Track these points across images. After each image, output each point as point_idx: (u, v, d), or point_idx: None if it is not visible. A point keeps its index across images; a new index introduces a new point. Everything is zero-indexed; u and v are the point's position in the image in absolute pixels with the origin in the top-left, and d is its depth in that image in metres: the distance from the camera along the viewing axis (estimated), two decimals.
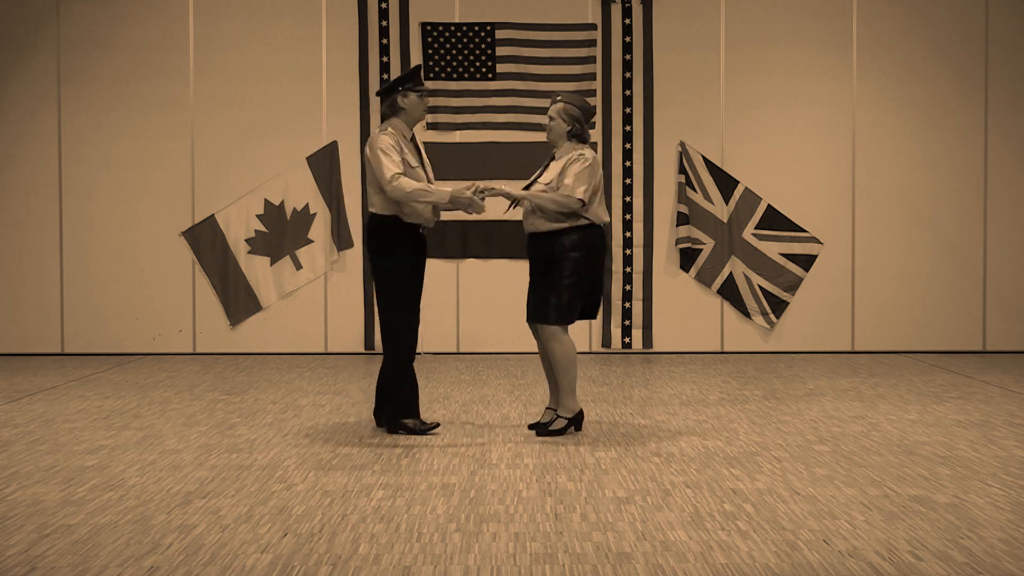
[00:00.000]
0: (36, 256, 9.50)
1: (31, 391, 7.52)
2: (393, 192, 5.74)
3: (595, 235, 5.83)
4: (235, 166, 9.48)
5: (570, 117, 5.85)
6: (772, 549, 3.85)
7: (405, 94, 5.89)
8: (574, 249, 5.76)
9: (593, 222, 5.81)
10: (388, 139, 5.82)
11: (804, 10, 9.56)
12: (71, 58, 9.45)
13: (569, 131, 5.86)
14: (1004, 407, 6.76)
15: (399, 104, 5.90)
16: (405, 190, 5.73)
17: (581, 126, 5.87)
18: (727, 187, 9.50)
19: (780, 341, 9.60)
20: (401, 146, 5.84)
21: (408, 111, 5.92)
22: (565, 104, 5.87)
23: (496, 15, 9.45)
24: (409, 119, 5.94)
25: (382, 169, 5.75)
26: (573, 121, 5.85)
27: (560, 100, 5.90)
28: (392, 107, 5.92)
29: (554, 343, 5.82)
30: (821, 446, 5.59)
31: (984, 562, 3.71)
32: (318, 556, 3.80)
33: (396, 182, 5.72)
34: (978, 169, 9.56)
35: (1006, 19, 9.51)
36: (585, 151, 5.82)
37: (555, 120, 5.87)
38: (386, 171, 5.73)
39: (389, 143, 5.81)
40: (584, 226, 5.79)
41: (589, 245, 5.79)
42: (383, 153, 5.77)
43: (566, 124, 5.86)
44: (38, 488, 4.76)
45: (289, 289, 9.54)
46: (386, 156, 5.76)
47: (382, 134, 5.85)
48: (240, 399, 7.15)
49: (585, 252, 5.78)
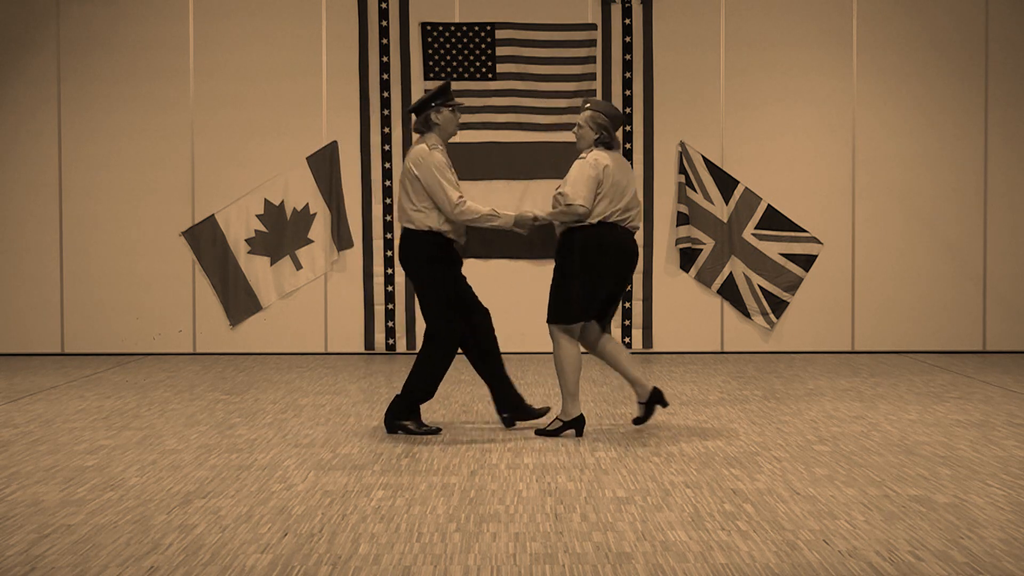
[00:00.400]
0: (36, 256, 9.50)
1: (31, 391, 7.52)
2: (459, 216, 5.76)
3: (600, 234, 5.75)
4: (235, 166, 9.48)
5: (597, 125, 5.86)
6: (772, 549, 3.85)
7: (438, 110, 5.91)
8: (574, 250, 5.75)
9: (601, 221, 5.74)
10: (441, 157, 5.82)
11: (804, 10, 9.56)
12: (71, 58, 9.45)
13: (597, 138, 5.87)
14: (1004, 407, 6.76)
15: (433, 120, 5.91)
16: (473, 215, 5.77)
17: (608, 133, 5.87)
18: (727, 187, 9.50)
19: (780, 341, 9.60)
20: (450, 162, 5.87)
21: (442, 126, 5.93)
22: (593, 112, 5.87)
23: (496, 15, 9.45)
24: (444, 134, 5.96)
25: (445, 193, 5.74)
26: (600, 129, 5.86)
27: (588, 107, 5.91)
28: (426, 123, 5.92)
29: (554, 344, 5.83)
30: (821, 446, 5.59)
31: (984, 562, 3.71)
32: (318, 556, 3.80)
33: (464, 206, 5.75)
34: (978, 169, 9.56)
35: (1006, 18, 9.51)
36: (588, 155, 5.80)
37: (583, 128, 5.89)
38: (451, 194, 5.74)
39: (443, 161, 5.81)
40: (589, 225, 5.76)
41: (592, 244, 5.74)
42: (440, 174, 5.76)
43: (594, 132, 5.87)
44: (38, 488, 4.76)
45: (289, 289, 9.54)
46: (444, 178, 5.76)
47: (433, 151, 5.82)
48: (240, 399, 7.15)
49: (588, 251, 5.74)
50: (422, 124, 5.94)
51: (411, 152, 5.91)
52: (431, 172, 5.77)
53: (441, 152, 5.85)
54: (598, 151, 5.84)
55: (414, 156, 5.86)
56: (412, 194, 5.85)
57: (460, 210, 5.75)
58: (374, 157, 9.49)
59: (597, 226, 5.77)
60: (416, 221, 5.85)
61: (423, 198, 5.82)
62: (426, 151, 5.83)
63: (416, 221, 5.85)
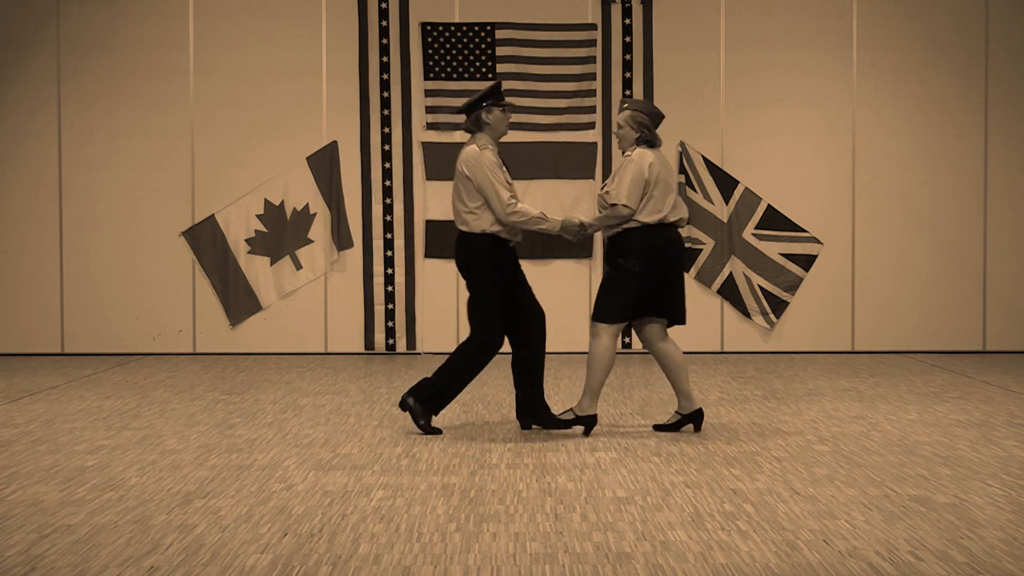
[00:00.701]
0: (36, 256, 9.50)
1: (31, 391, 7.52)
2: (510, 218, 5.76)
3: (650, 236, 5.77)
4: (235, 166, 9.48)
5: (638, 124, 5.88)
6: (772, 549, 3.85)
7: (489, 109, 5.90)
8: (624, 251, 5.77)
9: (647, 223, 5.76)
10: (493, 157, 5.81)
11: (804, 10, 9.56)
12: (71, 57, 9.45)
13: (638, 138, 5.87)
14: (1004, 407, 6.76)
15: (484, 119, 5.90)
16: (524, 217, 5.77)
17: (650, 131, 5.88)
18: (727, 187, 9.50)
19: (780, 341, 9.60)
20: (500, 163, 5.85)
21: (493, 126, 5.93)
22: (633, 111, 5.88)
23: (496, 15, 9.45)
24: (494, 134, 5.95)
25: (498, 194, 5.75)
26: (641, 128, 5.88)
27: (627, 107, 5.91)
28: (477, 122, 5.92)
29: (593, 340, 5.84)
30: (821, 446, 5.59)
31: (984, 562, 3.71)
32: (318, 556, 3.80)
33: (516, 207, 5.76)
34: (978, 168, 9.56)
35: (1006, 18, 9.52)
36: (633, 153, 5.81)
37: (623, 128, 5.90)
38: (503, 195, 5.75)
39: (495, 161, 5.81)
40: (637, 228, 5.77)
41: (643, 246, 5.75)
42: (492, 174, 5.76)
43: (635, 131, 5.88)
44: (38, 488, 4.76)
45: (289, 289, 9.54)
46: (496, 178, 5.76)
47: (484, 151, 5.82)
48: (240, 399, 7.15)
49: (638, 254, 5.75)
50: (472, 124, 5.93)
51: (462, 153, 5.90)
52: (483, 172, 5.77)
53: (492, 152, 5.84)
54: (642, 149, 5.85)
55: (465, 157, 5.85)
56: (464, 195, 5.85)
57: (511, 211, 5.76)
58: (374, 157, 9.49)
59: (656, 227, 5.79)
60: (470, 223, 5.85)
61: (475, 199, 5.81)
62: (477, 152, 5.82)
63: (470, 223, 5.85)
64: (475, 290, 5.92)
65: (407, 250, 9.49)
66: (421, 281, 9.53)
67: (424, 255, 9.52)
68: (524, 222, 5.81)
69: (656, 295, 5.82)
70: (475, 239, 5.85)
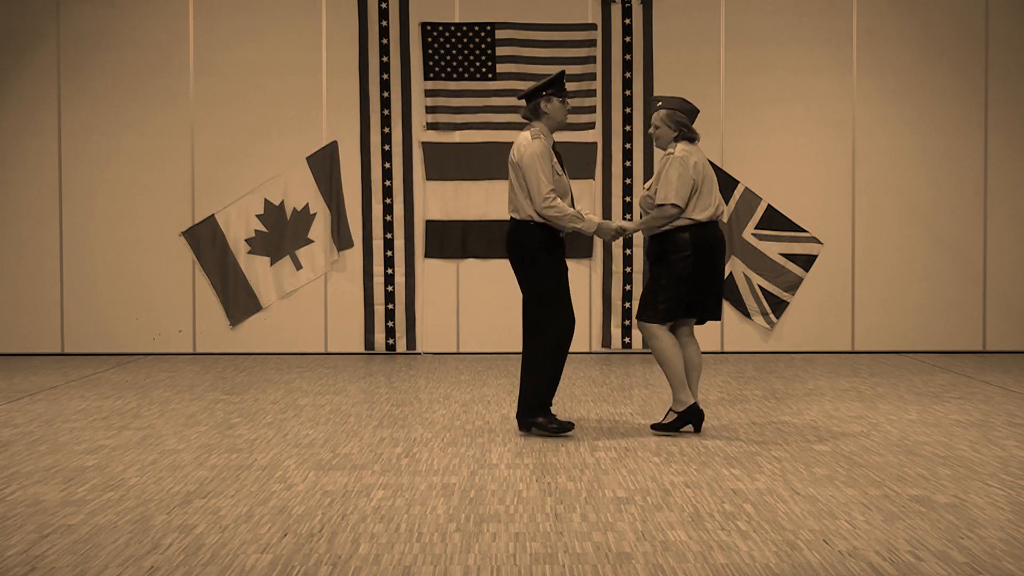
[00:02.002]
0: (36, 255, 9.49)
1: (31, 391, 7.52)
2: (545, 210, 5.72)
3: (702, 233, 5.79)
4: (235, 163, 9.48)
5: (675, 123, 5.89)
6: (772, 549, 3.85)
7: (549, 99, 5.87)
8: (677, 249, 5.77)
9: (699, 220, 5.78)
10: (542, 146, 5.78)
11: (804, 8, 9.56)
12: (71, 55, 9.45)
13: (676, 136, 5.89)
14: (1004, 407, 6.76)
15: (542, 109, 5.87)
16: (558, 212, 5.72)
17: (688, 128, 5.89)
18: (727, 187, 9.49)
19: (780, 341, 9.60)
20: (550, 154, 5.82)
21: (551, 115, 5.89)
22: (669, 110, 5.89)
23: (496, 15, 9.45)
24: (552, 123, 5.91)
25: (539, 184, 5.71)
26: (679, 126, 5.89)
27: (661, 106, 5.92)
28: (535, 111, 5.89)
29: (653, 341, 5.84)
30: (821, 446, 5.59)
31: (984, 562, 3.71)
32: (318, 556, 3.80)
33: (551, 202, 5.71)
34: (978, 167, 9.56)
35: (1006, 16, 9.52)
36: (676, 150, 5.82)
37: (660, 128, 5.91)
38: (543, 187, 5.71)
39: (544, 151, 5.77)
40: (689, 225, 5.78)
41: (695, 243, 5.77)
42: (540, 163, 5.73)
43: (672, 130, 5.90)
44: (38, 488, 4.76)
45: (289, 289, 9.54)
46: (542, 170, 5.73)
47: (535, 140, 5.80)
48: (240, 399, 7.15)
49: (691, 251, 5.76)
50: (531, 112, 5.91)
51: (516, 141, 5.89)
52: (532, 160, 5.74)
53: (543, 141, 5.81)
54: (684, 145, 5.86)
55: (518, 144, 5.84)
56: (516, 183, 5.84)
57: (547, 204, 5.71)
58: (374, 157, 9.49)
59: (707, 225, 5.82)
60: (522, 210, 5.82)
61: (525, 187, 5.80)
62: (528, 139, 5.81)
63: (522, 210, 5.82)
64: (533, 277, 5.84)
65: (407, 250, 9.49)
66: (421, 281, 9.53)
67: (424, 255, 9.52)
68: (559, 217, 5.75)
69: (704, 291, 5.84)
70: (527, 226, 5.81)
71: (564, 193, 5.88)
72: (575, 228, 5.82)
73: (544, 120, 5.90)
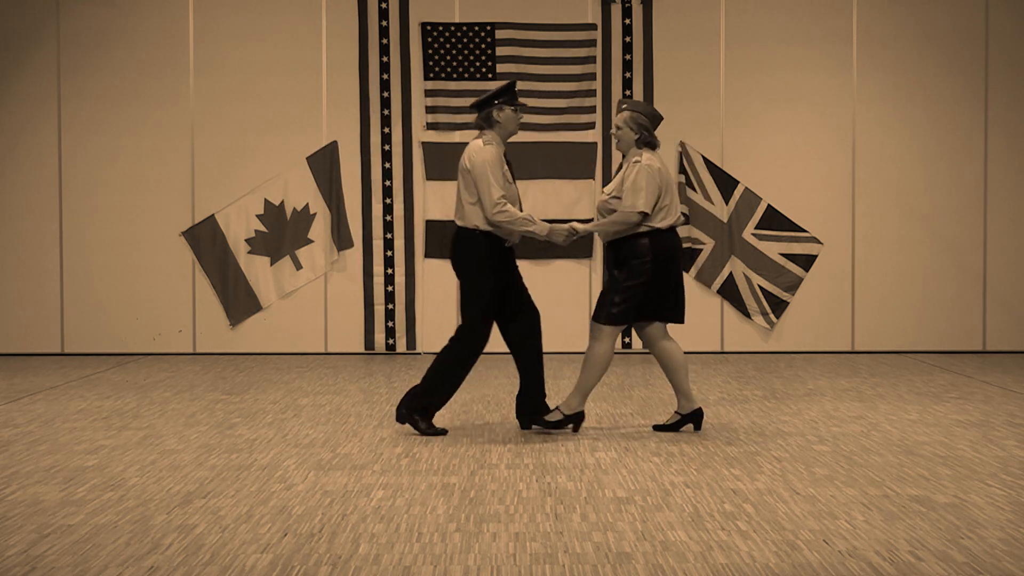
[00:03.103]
0: (36, 254, 9.49)
1: (31, 391, 7.52)
2: (496, 217, 5.73)
3: (661, 240, 5.80)
4: (235, 162, 9.48)
5: (638, 125, 5.87)
6: (772, 549, 3.85)
7: (501, 108, 5.88)
8: (637, 255, 5.77)
9: (659, 228, 5.79)
10: (494, 152, 5.79)
11: (804, 8, 9.55)
12: (71, 53, 9.45)
13: (637, 139, 5.88)
14: (1004, 407, 6.76)
15: (494, 117, 5.88)
16: (509, 218, 5.73)
17: (649, 132, 5.89)
18: (727, 187, 9.50)
19: (780, 341, 9.60)
20: (502, 161, 5.84)
21: (503, 125, 5.90)
22: (632, 112, 5.88)
23: (496, 15, 9.45)
24: (504, 132, 5.93)
25: (489, 190, 5.72)
26: (641, 129, 5.87)
27: (626, 108, 5.91)
28: (487, 120, 5.90)
29: (595, 342, 5.84)
30: (821, 446, 5.59)
31: (984, 562, 3.71)
32: (318, 556, 3.80)
33: (502, 208, 5.72)
34: (978, 166, 9.56)
35: (1006, 15, 9.52)
36: (641, 156, 5.82)
37: (622, 129, 5.89)
38: (493, 193, 5.72)
39: (496, 159, 5.78)
40: (649, 232, 5.78)
41: (655, 250, 5.77)
42: (491, 170, 5.74)
43: (634, 132, 5.88)
44: (38, 488, 4.76)
45: (289, 289, 9.54)
46: (493, 176, 5.73)
47: (487, 146, 5.81)
48: (240, 399, 7.15)
49: (651, 257, 5.76)
50: (483, 120, 5.91)
51: (468, 147, 5.90)
52: (483, 166, 5.75)
53: (495, 148, 5.82)
54: (647, 153, 5.86)
55: (469, 151, 5.85)
56: (464, 190, 5.85)
57: (498, 210, 5.72)
58: (374, 157, 9.49)
59: (669, 232, 5.83)
60: (467, 218, 5.84)
61: (474, 193, 5.81)
62: (480, 145, 5.83)
63: (467, 218, 5.84)
64: (466, 287, 5.91)
65: (407, 250, 9.49)
66: (421, 281, 9.53)
67: (424, 255, 9.52)
68: (510, 222, 5.76)
69: (662, 297, 5.84)
70: (472, 235, 5.85)
71: (513, 202, 5.89)
72: (527, 231, 5.82)
73: (496, 129, 5.90)
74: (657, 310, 5.87)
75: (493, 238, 5.85)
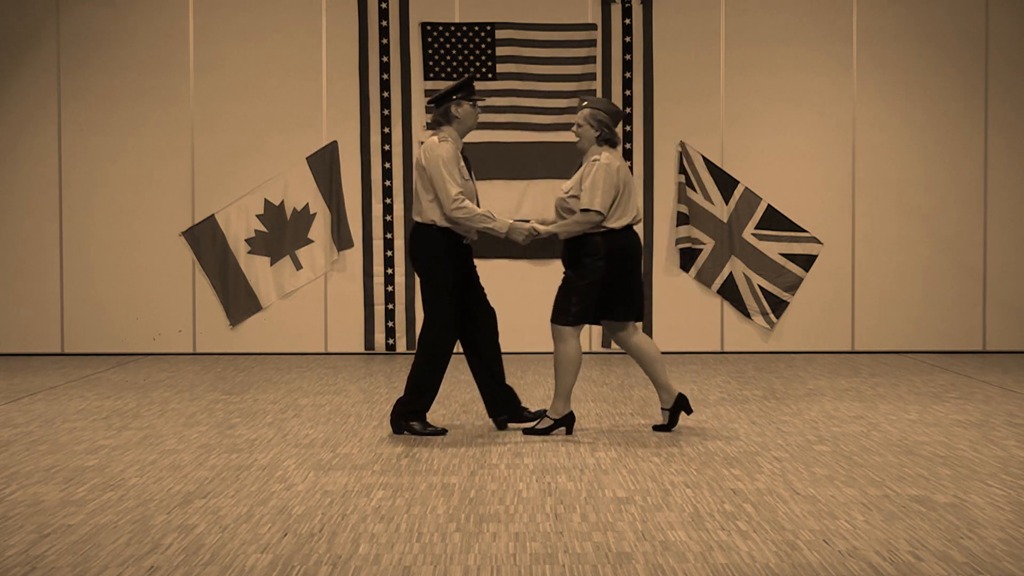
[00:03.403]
0: (36, 254, 9.49)
1: (31, 391, 7.52)
2: (454, 213, 5.70)
3: (615, 239, 5.78)
4: (235, 162, 9.48)
5: (598, 122, 5.84)
6: (772, 549, 3.85)
7: (459, 103, 5.86)
8: (594, 254, 5.75)
9: (616, 228, 5.77)
10: (450, 149, 5.77)
11: (804, 7, 9.55)
12: (71, 52, 9.45)
13: (598, 136, 5.86)
14: (1004, 407, 6.76)
15: (453, 113, 5.86)
16: (467, 214, 5.71)
17: (610, 130, 5.86)
18: (727, 187, 9.50)
19: (780, 341, 9.60)
20: (458, 157, 5.82)
21: (461, 120, 5.88)
22: (592, 109, 5.86)
23: (496, 15, 9.45)
24: (462, 128, 5.91)
25: (446, 186, 5.70)
26: (601, 126, 5.85)
27: (586, 105, 5.89)
28: (445, 115, 5.88)
29: (560, 344, 5.81)
30: (821, 446, 5.59)
31: (984, 562, 3.71)
32: (318, 556, 3.80)
33: (460, 203, 5.69)
34: (978, 165, 9.56)
35: (1006, 14, 9.52)
36: (601, 155, 5.80)
37: (582, 127, 5.86)
38: (451, 189, 5.69)
39: (452, 155, 5.76)
40: (614, 231, 5.77)
41: (608, 249, 5.76)
42: (446, 167, 5.71)
43: (594, 130, 5.85)
44: (38, 488, 4.76)
45: (289, 289, 9.54)
46: (448, 172, 5.71)
47: (443, 143, 5.79)
48: (240, 399, 7.15)
49: (604, 256, 5.75)
50: (441, 116, 5.89)
51: (424, 145, 5.89)
52: (437, 163, 5.74)
53: (452, 145, 5.81)
54: (607, 152, 5.84)
55: (425, 147, 5.84)
56: (421, 187, 5.84)
57: (456, 206, 5.70)
58: (374, 157, 9.49)
59: (623, 232, 5.81)
60: (425, 214, 5.83)
61: (431, 190, 5.80)
62: (435, 142, 5.81)
63: (425, 214, 5.83)
64: (427, 284, 5.88)
65: (407, 250, 9.49)
66: None
67: None
68: (469, 218, 5.74)
69: (619, 296, 5.83)
70: (430, 231, 5.82)
71: (471, 198, 5.87)
72: (486, 228, 5.79)
73: (455, 124, 5.89)
74: (614, 309, 5.86)
75: (451, 234, 5.83)
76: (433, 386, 5.93)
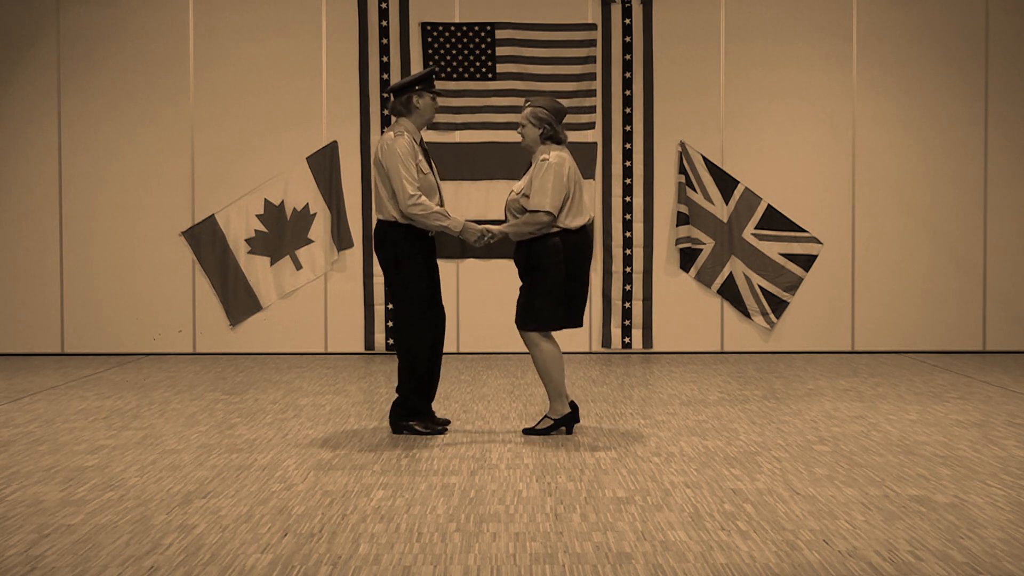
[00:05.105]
0: (36, 254, 9.49)
1: (31, 391, 7.52)
2: (410, 210, 5.68)
3: (573, 239, 5.75)
4: (236, 160, 9.48)
5: (539, 120, 5.79)
6: (772, 549, 3.85)
7: (421, 94, 5.84)
8: (551, 255, 5.70)
9: (572, 228, 5.74)
10: (406, 145, 5.73)
11: (803, 4, 9.55)
12: (71, 50, 9.45)
13: (541, 134, 5.82)
14: (1004, 407, 6.76)
15: (414, 103, 5.84)
16: (423, 212, 5.68)
17: (552, 127, 5.80)
18: (727, 187, 9.50)
19: (780, 341, 9.60)
20: (416, 151, 5.79)
21: (421, 111, 5.86)
22: (533, 108, 5.81)
23: (496, 15, 9.45)
24: (420, 120, 5.89)
25: (403, 184, 5.67)
26: (543, 124, 5.79)
27: (528, 104, 5.85)
28: (406, 105, 5.85)
29: (534, 350, 5.78)
30: (821, 446, 5.59)
31: (984, 562, 3.71)
32: (318, 556, 3.80)
33: (416, 200, 5.67)
34: (978, 163, 9.56)
35: (1006, 11, 9.52)
36: (549, 154, 5.75)
37: (525, 126, 5.82)
38: (407, 186, 5.67)
39: (408, 150, 5.73)
40: (559, 232, 5.73)
41: (567, 249, 5.72)
42: (403, 165, 5.68)
43: (536, 128, 5.81)
44: (38, 488, 4.76)
45: (289, 289, 9.54)
46: (405, 169, 5.67)
47: (399, 138, 5.75)
48: (240, 399, 7.15)
49: (564, 257, 5.71)
50: (401, 106, 5.86)
51: (380, 140, 5.85)
52: (392, 159, 5.70)
53: (408, 139, 5.76)
54: (555, 150, 5.78)
55: (380, 144, 5.80)
56: (379, 183, 5.82)
57: (412, 203, 5.66)
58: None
59: (578, 232, 5.77)
60: (386, 211, 5.80)
61: (390, 187, 5.77)
62: (391, 137, 5.76)
63: (386, 211, 5.80)
64: (394, 279, 5.85)
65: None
66: None
67: None
68: (424, 216, 5.70)
69: (575, 298, 5.79)
70: (393, 227, 5.79)
71: (431, 191, 5.85)
72: (440, 226, 5.75)
73: (413, 116, 5.86)
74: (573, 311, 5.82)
75: (414, 228, 5.80)
76: (424, 382, 5.89)
